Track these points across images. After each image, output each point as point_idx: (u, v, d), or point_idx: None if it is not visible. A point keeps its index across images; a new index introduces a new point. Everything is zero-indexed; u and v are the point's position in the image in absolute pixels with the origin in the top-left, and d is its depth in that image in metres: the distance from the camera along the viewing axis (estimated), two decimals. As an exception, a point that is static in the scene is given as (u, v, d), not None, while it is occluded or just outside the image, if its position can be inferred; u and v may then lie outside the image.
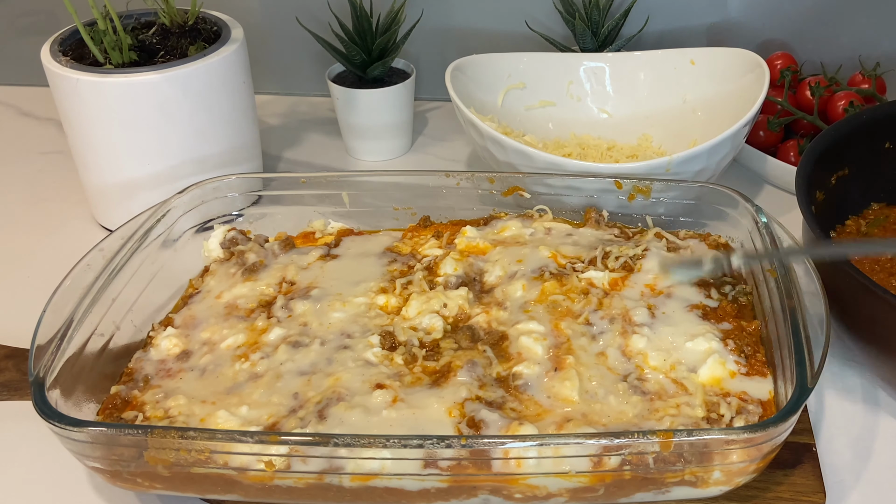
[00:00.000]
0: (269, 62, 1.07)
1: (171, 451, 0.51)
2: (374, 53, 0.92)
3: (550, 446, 0.49)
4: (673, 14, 0.98)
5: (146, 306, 0.67)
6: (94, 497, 0.59)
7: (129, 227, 0.69)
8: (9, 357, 0.67)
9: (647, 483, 0.52)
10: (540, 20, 0.99)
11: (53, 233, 0.87)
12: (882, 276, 0.68)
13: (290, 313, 0.66)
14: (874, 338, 0.61)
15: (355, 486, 0.52)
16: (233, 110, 0.82)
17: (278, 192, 0.77)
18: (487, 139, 0.80)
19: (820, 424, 0.63)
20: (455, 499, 0.52)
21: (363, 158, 0.97)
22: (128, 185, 0.80)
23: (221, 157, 0.82)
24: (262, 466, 0.51)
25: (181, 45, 0.81)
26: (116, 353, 0.63)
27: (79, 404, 0.57)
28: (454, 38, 1.03)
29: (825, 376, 0.66)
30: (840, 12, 0.95)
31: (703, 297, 0.64)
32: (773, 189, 0.88)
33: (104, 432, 0.52)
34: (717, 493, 0.53)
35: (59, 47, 0.80)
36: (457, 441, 0.50)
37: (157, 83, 0.76)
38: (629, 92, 0.92)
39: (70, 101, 0.78)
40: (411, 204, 0.76)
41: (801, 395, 0.51)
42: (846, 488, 0.58)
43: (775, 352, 0.59)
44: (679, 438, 0.49)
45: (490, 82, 0.91)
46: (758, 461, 0.51)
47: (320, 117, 1.05)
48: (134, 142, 0.78)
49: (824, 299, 0.58)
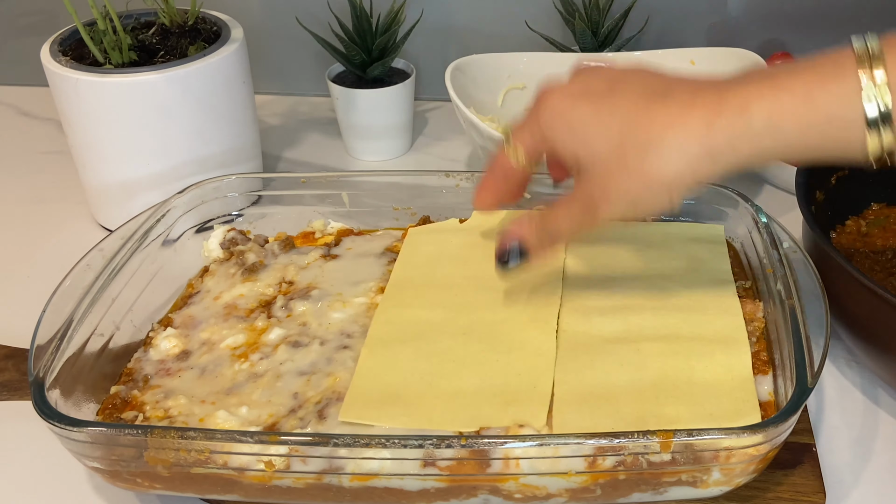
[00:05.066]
0: (269, 62, 1.07)
1: (170, 451, 0.51)
2: (374, 53, 0.92)
3: (550, 446, 0.49)
4: (673, 14, 0.98)
5: (146, 306, 0.67)
6: (93, 497, 0.59)
7: (129, 228, 0.69)
8: (8, 357, 0.67)
9: (647, 483, 0.51)
10: (540, 20, 0.99)
11: (53, 233, 0.87)
12: (882, 276, 0.68)
13: (289, 313, 0.66)
14: (874, 338, 0.61)
15: (355, 486, 0.52)
16: (233, 110, 0.82)
17: (278, 192, 0.77)
18: (487, 139, 0.80)
19: (820, 424, 0.63)
20: (455, 499, 0.53)
21: (363, 158, 0.97)
22: (128, 185, 0.80)
23: (221, 157, 0.82)
24: (262, 466, 0.51)
25: (181, 45, 0.81)
26: (116, 353, 0.63)
27: (78, 404, 0.57)
28: (454, 38, 1.03)
29: (825, 376, 0.66)
30: (840, 12, 0.95)
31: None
32: (773, 189, 0.88)
33: (104, 432, 0.52)
34: (716, 493, 0.53)
35: (59, 47, 0.80)
36: (457, 441, 0.50)
37: (156, 83, 0.76)
38: (629, 92, 0.92)
39: (70, 101, 0.78)
40: (411, 204, 0.76)
41: (802, 395, 0.51)
42: (846, 488, 0.58)
43: (775, 351, 0.59)
44: (679, 439, 0.49)
45: (490, 82, 0.91)
46: (758, 461, 0.51)
47: (320, 117, 1.05)
48: (134, 142, 0.78)
49: (824, 299, 0.58)
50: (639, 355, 0.58)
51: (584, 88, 0.54)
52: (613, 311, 0.63)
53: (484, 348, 0.59)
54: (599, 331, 0.61)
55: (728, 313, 0.62)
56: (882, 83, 0.45)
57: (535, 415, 0.54)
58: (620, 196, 0.51)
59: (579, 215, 0.54)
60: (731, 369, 0.57)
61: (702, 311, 0.62)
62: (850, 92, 0.46)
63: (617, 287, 0.65)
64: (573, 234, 0.56)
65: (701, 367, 0.57)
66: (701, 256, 0.68)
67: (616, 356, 0.59)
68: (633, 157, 0.50)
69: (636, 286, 0.65)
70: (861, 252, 0.71)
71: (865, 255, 0.71)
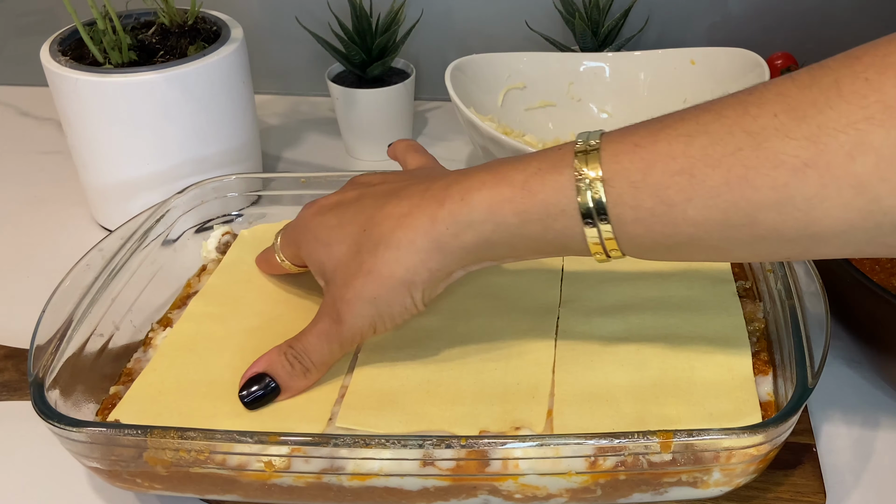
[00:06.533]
0: (269, 62, 1.07)
1: (170, 452, 0.51)
2: (374, 53, 0.92)
3: (550, 446, 0.49)
4: (673, 14, 0.98)
5: (146, 306, 0.67)
6: (93, 497, 0.59)
7: (129, 228, 0.69)
8: (8, 357, 0.67)
9: (647, 484, 0.51)
10: (540, 20, 0.99)
11: (53, 233, 0.86)
12: (882, 276, 0.68)
13: (289, 313, 0.66)
14: (874, 338, 0.61)
15: (355, 485, 0.52)
16: (233, 110, 0.82)
17: (278, 192, 0.77)
18: (487, 139, 0.80)
19: (820, 424, 0.62)
20: (455, 498, 0.52)
21: (363, 158, 0.97)
22: (127, 185, 0.80)
23: (221, 157, 0.82)
24: (262, 466, 0.51)
25: (181, 44, 0.81)
26: (116, 354, 0.63)
27: (78, 404, 0.57)
28: (454, 38, 1.03)
29: (825, 376, 0.66)
30: (840, 12, 0.95)
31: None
32: (774, 189, 0.88)
33: (103, 432, 0.51)
34: (717, 493, 0.53)
35: (59, 47, 0.80)
36: (457, 441, 0.50)
37: (156, 83, 0.76)
38: (629, 92, 0.92)
39: (69, 101, 0.78)
40: (411, 204, 0.76)
41: (802, 395, 0.51)
42: (846, 488, 0.58)
43: (775, 351, 0.59)
44: (680, 439, 0.49)
45: (490, 82, 0.91)
46: (758, 461, 0.51)
47: (320, 117, 1.05)
48: (133, 142, 0.78)
49: (824, 299, 0.58)
50: (639, 355, 0.58)
51: (338, 199, 0.57)
52: (613, 311, 0.63)
53: (482, 356, 0.59)
54: (599, 331, 0.61)
55: (728, 313, 0.62)
56: (596, 177, 0.45)
57: (533, 424, 0.54)
58: (360, 298, 0.52)
59: (327, 329, 0.54)
60: (732, 369, 0.57)
61: (702, 311, 0.62)
62: (566, 183, 0.46)
63: (617, 287, 0.65)
64: (329, 355, 0.55)
65: (701, 367, 0.57)
66: None
67: (616, 356, 0.58)
68: (367, 257, 0.51)
69: (636, 286, 0.65)
70: (861, 252, 0.71)
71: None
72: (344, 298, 0.53)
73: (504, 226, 0.48)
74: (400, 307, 0.52)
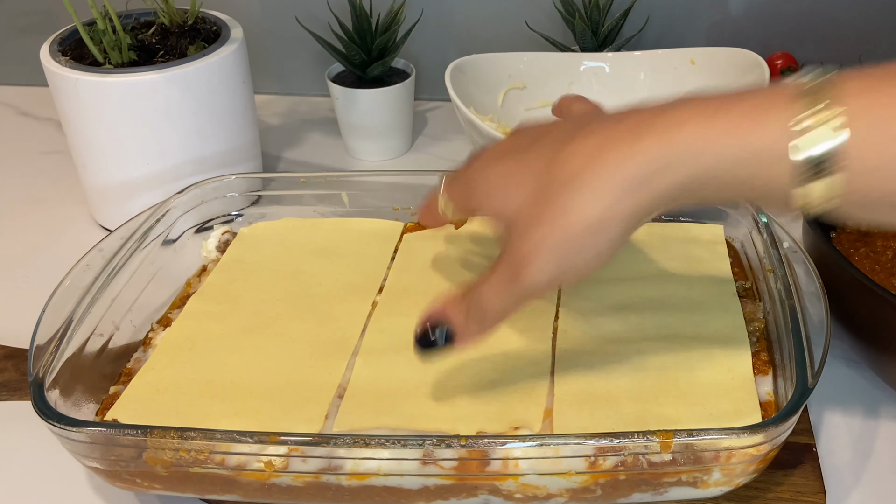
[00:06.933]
0: (269, 62, 1.07)
1: (170, 452, 0.51)
2: (374, 53, 0.92)
3: (550, 446, 0.49)
4: (673, 14, 0.98)
5: (146, 306, 0.67)
6: (93, 497, 0.59)
7: (129, 227, 0.69)
8: (8, 357, 0.67)
9: (647, 484, 0.51)
10: (540, 20, 0.99)
11: (53, 233, 0.86)
12: (882, 276, 0.68)
13: (289, 313, 0.66)
14: (874, 338, 0.61)
15: (354, 484, 0.52)
16: (233, 110, 0.82)
17: (278, 192, 0.77)
18: (487, 139, 0.80)
19: (820, 424, 0.62)
20: (455, 498, 0.52)
21: (363, 158, 0.97)
22: (127, 185, 0.80)
23: (221, 157, 0.82)
24: (262, 466, 0.51)
25: (181, 44, 0.81)
26: (116, 354, 0.63)
27: (78, 404, 0.57)
28: (454, 38, 1.03)
29: (825, 376, 0.66)
30: (840, 12, 0.95)
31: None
32: (774, 189, 0.88)
33: (103, 432, 0.51)
34: (717, 493, 0.53)
35: (59, 47, 0.80)
36: (457, 441, 0.50)
37: (156, 83, 0.76)
38: (629, 92, 0.92)
39: (69, 101, 0.78)
40: (411, 204, 0.76)
41: (802, 395, 0.51)
42: (846, 488, 0.58)
43: (775, 351, 0.59)
44: (680, 439, 0.49)
45: (490, 82, 0.91)
46: (758, 461, 0.51)
47: (320, 117, 1.05)
48: (133, 142, 0.78)
49: (824, 299, 0.58)
50: (639, 355, 0.58)
51: (510, 146, 0.51)
52: (613, 311, 0.63)
53: (478, 356, 0.59)
54: (599, 331, 0.61)
55: (728, 313, 0.62)
56: (834, 115, 0.41)
57: (530, 424, 0.54)
58: (541, 248, 0.46)
59: (506, 284, 0.48)
60: (732, 369, 0.57)
61: (702, 311, 0.62)
62: (787, 123, 0.41)
63: (617, 287, 0.65)
64: (504, 309, 0.49)
65: (701, 367, 0.57)
66: (700, 256, 0.68)
67: (616, 356, 0.58)
68: (552, 200, 0.46)
69: (636, 286, 0.65)
70: (861, 252, 0.71)
71: (865, 255, 0.71)
72: (523, 250, 0.47)
73: (710, 169, 0.43)
74: (586, 257, 0.46)
